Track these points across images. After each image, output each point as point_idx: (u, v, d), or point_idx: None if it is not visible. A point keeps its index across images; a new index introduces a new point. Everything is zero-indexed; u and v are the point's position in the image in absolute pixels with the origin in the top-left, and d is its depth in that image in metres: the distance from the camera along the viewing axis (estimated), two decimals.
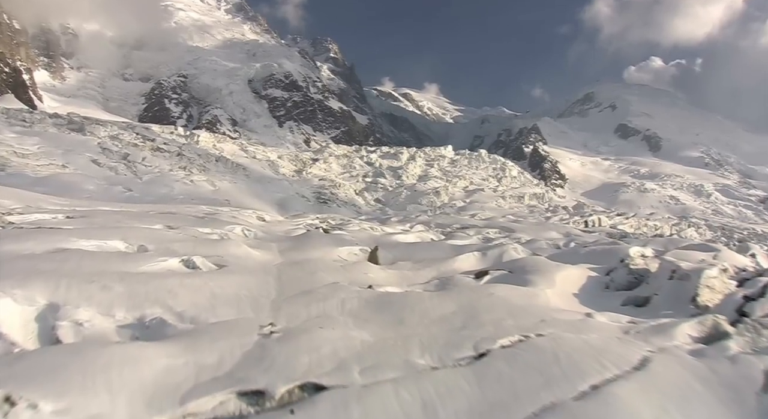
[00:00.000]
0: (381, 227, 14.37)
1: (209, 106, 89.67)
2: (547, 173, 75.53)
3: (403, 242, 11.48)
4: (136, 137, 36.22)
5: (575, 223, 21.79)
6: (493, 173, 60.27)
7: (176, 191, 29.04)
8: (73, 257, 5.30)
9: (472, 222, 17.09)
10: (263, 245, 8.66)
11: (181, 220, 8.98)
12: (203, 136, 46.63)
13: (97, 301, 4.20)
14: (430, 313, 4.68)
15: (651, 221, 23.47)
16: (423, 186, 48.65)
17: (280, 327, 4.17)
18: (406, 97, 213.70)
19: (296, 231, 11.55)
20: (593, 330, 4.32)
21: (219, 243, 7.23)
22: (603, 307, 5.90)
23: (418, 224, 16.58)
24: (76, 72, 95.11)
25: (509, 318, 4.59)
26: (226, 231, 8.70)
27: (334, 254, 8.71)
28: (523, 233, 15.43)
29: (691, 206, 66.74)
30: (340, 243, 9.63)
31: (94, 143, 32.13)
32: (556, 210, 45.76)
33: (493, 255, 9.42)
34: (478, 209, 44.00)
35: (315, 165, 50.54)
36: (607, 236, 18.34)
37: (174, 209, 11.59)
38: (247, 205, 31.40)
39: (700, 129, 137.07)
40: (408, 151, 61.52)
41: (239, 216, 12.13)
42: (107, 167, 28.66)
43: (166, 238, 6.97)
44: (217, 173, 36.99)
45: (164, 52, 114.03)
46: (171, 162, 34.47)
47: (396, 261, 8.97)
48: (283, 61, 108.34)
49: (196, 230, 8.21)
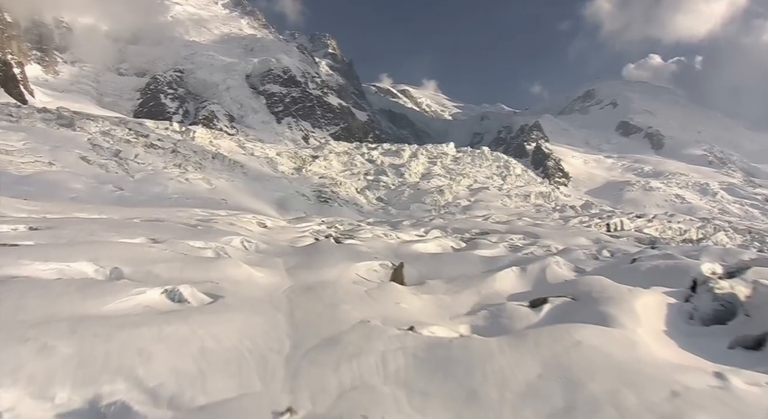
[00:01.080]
0: (395, 234, 13.03)
1: (206, 101, 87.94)
2: (550, 171, 74.24)
3: (425, 254, 10.15)
4: (128, 133, 34.64)
5: (597, 226, 20.51)
6: (497, 171, 58.89)
7: (170, 189, 27.58)
8: (13, 292, 3.94)
9: (491, 226, 15.75)
10: (267, 262, 7.34)
11: (170, 230, 7.60)
12: (199, 132, 45.07)
13: (29, 373, 2.87)
14: (510, 380, 3.38)
15: (674, 223, 22.18)
16: (426, 185, 47.27)
17: (304, 413, 2.83)
18: (404, 94, 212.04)
19: (303, 240, 10.19)
20: (752, 410, 3.12)
21: (213, 263, 5.90)
22: (709, 352, 4.69)
23: (434, 229, 15.22)
24: (70, 66, 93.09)
25: (625, 388, 3.37)
26: (222, 244, 7.34)
27: (352, 272, 7.39)
28: (550, 240, 14.13)
29: (698, 205, 65.65)
30: (357, 257, 8.30)
31: (84, 139, 30.57)
32: (564, 209, 44.50)
33: (534, 271, 8.17)
34: (483, 209, 42.71)
35: (315, 163, 49.07)
36: (636, 242, 17.09)
37: (163, 213, 10.20)
38: (245, 204, 29.98)
39: (701, 127, 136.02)
40: (410, 148, 60.07)
41: (237, 223, 10.75)
42: (97, 165, 27.15)
43: (147, 257, 5.62)
44: (213, 170, 35.51)
45: (160, 47, 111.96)
46: (165, 159, 32.95)
47: (424, 279, 7.68)
48: (282, 56, 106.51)
49: (186, 245, 6.87)
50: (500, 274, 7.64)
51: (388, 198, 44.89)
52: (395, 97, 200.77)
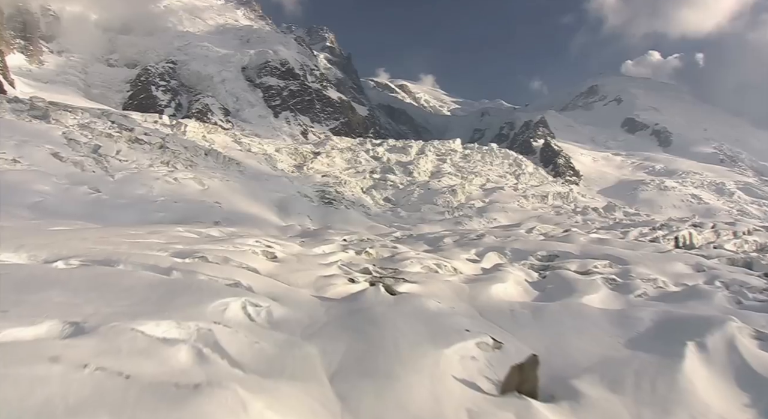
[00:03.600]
0: (449, 262, 9.66)
1: (200, 94, 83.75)
2: (561, 169, 70.77)
3: (516, 304, 6.83)
4: (111, 126, 30.90)
5: (666, 240, 17.30)
6: (509, 170, 55.53)
7: (156, 191, 24.05)
8: None
9: (558, 247, 12.36)
10: (293, 364, 4.06)
11: (116, 293, 4.19)
12: (191, 125, 41.33)
13: None
14: None
15: (748, 235, 18.99)
16: (437, 184, 43.83)
17: None
18: (402, 89, 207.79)
19: (333, 283, 6.85)
20: None
21: (187, 405, 2.62)
22: None
23: (488, 250, 11.83)
24: (56, 56, 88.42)
25: None
26: (208, 323, 4.01)
27: (446, 376, 4.08)
28: (643, 267, 10.82)
29: (715, 206, 62.65)
30: (438, 332, 4.91)
31: (59, 132, 26.90)
32: (586, 212, 41.30)
33: (719, 351, 5.07)
34: (500, 210, 39.46)
35: (317, 159, 45.49)
36: (728, 262, 13.86)
37: (125, 240, 6.79)
38: (242, 208, 26.52)
39: (707, 124, 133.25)
40: (416, 144, 56.51)
41: (236, 254, 7.35)
42: (71, 162, 23.55)
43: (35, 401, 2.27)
44: (206, 168, 31.94)
45: (152, 37, 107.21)
46: (152, 156, 29.34)
47: (560, 377, 4.42)
48: (279, 48, 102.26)
49: (138, 337, 3.58)
50: (686, 368, 4.46)
51: (396, 199, 41.47)
52: (393, 93, 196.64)
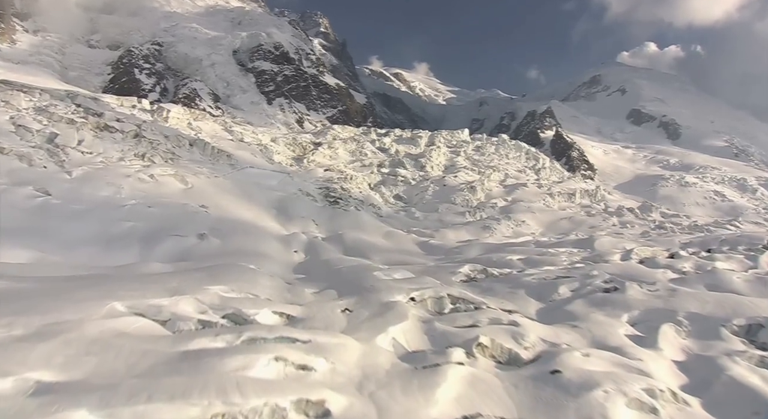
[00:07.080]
0: (653, 385, 5.04)
1: (187, 78, 77.40)
2: (575, 162, 66.45)
3: None
4: (75, 111, 25.66)
5: None
6: (527, 164, 50.94)
7: (126, 192, 19.06)
8: None
9: (744, 304, 7.73)
10: None
11: None
12: (175, 111, 36.00)
13: None
14: None
15: None
16: (453, 180, 39.09)
17: None
18: (397, 77, 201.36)
19: None
20: None
21: None
22: None
23: (651, 317, 7.17)
24: (31, 35, 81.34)
25: None
26: None
27: None
28: None
29: (741, 204, 58.68)
30: None
31: (5, 117, 21.73)
32: (621, 213, 36.90)
33: None
34: (525, 211, 34.90)
35: (318, 151, 40.45)
36: None
37: None
38: (235, 213, 21.60)
39: (713, 116, 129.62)
40: (426, 134, 51.57)
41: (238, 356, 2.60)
42: (15, 155, 18.46)
43: None
44: (190, 162, 26.89)
45: (137, 18, 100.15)
46: (123, 147, 24.19)
47: None
48: (273, 30, 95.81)
49: None
50: None
51: (408, 197, 36.69)
52: (389, 81, 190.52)
